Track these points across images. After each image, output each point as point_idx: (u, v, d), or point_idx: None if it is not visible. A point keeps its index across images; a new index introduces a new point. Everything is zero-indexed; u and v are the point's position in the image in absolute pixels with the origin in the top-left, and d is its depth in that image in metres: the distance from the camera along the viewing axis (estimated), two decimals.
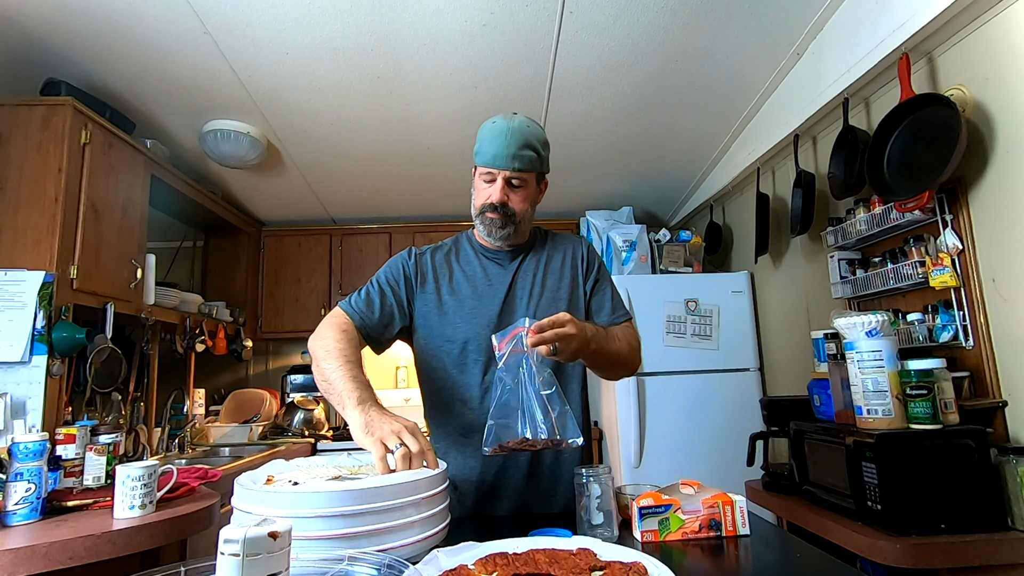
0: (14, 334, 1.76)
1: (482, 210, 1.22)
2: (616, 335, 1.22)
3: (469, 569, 0.74)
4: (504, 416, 1.00)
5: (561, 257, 1.31)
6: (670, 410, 2.69)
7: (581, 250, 1.33)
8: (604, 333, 1.16)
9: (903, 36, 1.65)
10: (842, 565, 0.81)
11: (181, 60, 2.06)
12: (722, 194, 3.06)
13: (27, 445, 1.30)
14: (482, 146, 1.20)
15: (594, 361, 1.18)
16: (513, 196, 1.21)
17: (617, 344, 1.20)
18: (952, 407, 1.37)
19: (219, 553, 0.55)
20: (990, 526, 1.28)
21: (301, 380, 3.51)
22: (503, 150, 1.16)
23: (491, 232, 1.23)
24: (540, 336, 0.99)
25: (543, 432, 0.98)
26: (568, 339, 1.01)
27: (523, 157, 1.17)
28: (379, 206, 3.48)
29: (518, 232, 1.25)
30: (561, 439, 0.99)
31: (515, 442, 0.98)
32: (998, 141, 1.50)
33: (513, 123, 1.19)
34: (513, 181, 1.19)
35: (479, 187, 1.23)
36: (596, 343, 1.10)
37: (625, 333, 1.26)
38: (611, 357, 1.18)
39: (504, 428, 1.00)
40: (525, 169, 1.19)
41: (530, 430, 0.98)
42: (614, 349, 1.19)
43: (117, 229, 2.17)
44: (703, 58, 2.17)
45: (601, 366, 1.23)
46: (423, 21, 1.93)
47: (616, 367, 1.24)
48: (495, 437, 0.99)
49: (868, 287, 1.91)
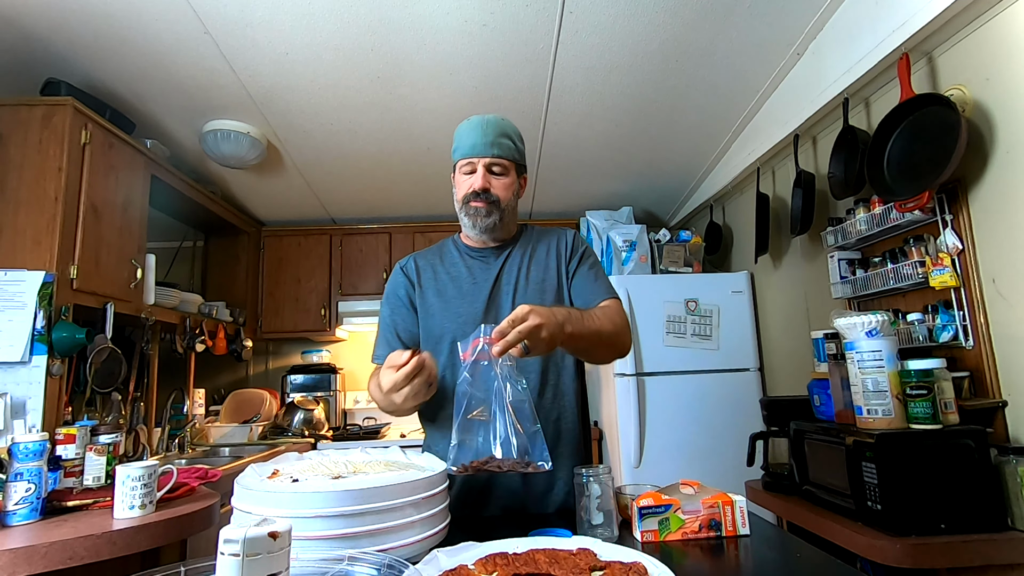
0: (14, 334, 1.76)
1: (465, 200, 1.22)
2: (595, 315, 1.14)
3: (469, 569, 0.74)
4: (469, 432, 0.93)
5: (546, 248, 1.31)
6: (670, 410, 2.69)
7: (565, 239, 1.32)
8: (579, 315, 1.09)
9: (903, 36, 1.65)
10: (842, 565, 0.81)
11: (181, 60, 2.06)
12: (722, 194, 3.06)
13: (27, 445, 1.30)
14: (460, 141, 1.23)
15: (575, 346, 1.11)
16: (495, 183, 1.22)
17: (597, 323, 1.12)
18: (952, 407, 1.37)
19: (219, 553, 0.55)
20: (990, 526, 1.28)
21: (301, 380, 3.51)
22: (481, 139, 1.20)
23: (476, 223, 1.23)
24: (504, 342, 0.91)
25: (512, 452, 0.90)
26: (535, 331, 0.93)
27: (501, 144, 1.21)
28: (379, 206, 3.48)
29: (503, 224, 1.25)
30: (529, 461, 0.91)
31: (480, 462, 0.92)
32: (998, 141, 1.50)
33: (487, 117, 1.23)
34: (494, 168, 1.21)
35: (460, 181, 1.25)
36: (571, 325, 1.03)
37: (606, 312, 1.18)
38: (591, 338, 1.10)
39: (468, 447, 0.93)
40: (504, 156, 1.21)
41: (498, 449, 0.90)
42: (594, 328, 1.11)
43: (117, 229, 2.17)
44: (703, 58, 2.17)
45: (584, 350, 1.16)
46: (423, 21, 1.93)
47: (600, 348, 1.16)
48: (459, 455, 0.93)
49: (868, 287, 1.91)
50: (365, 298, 3.48)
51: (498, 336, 0.91)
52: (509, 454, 0.90)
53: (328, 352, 3.70)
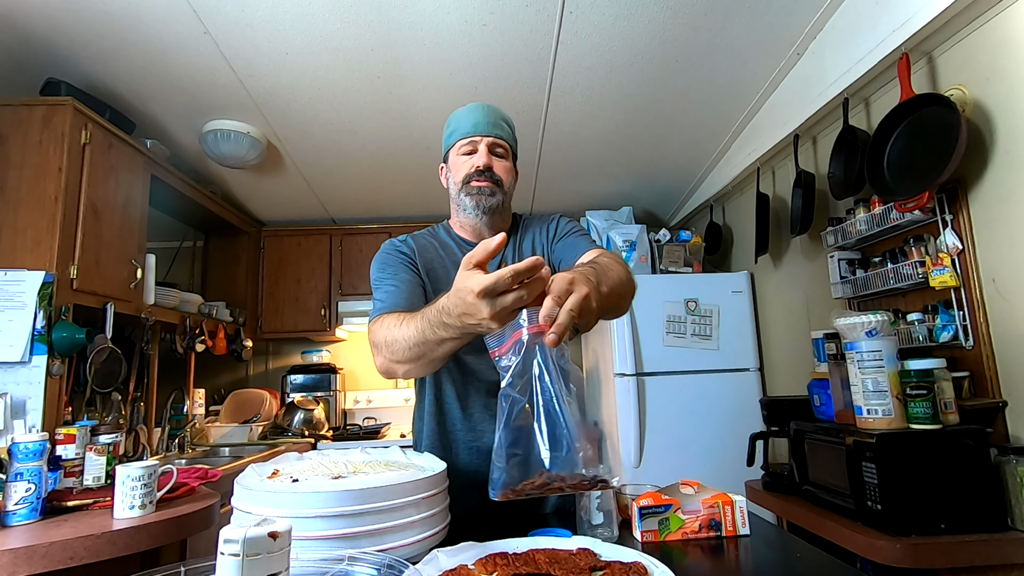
0: (14, 334, 1.76)
1: (467, 179, 1.16)
2: (604, 263, 1.00)
3: (469, 569, 0.74)
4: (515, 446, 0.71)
5: (532, 235, 1.27)
6: (670, 410, 2.69)
7: (555, 221, 1.28)
8: (596, 270, 0.89)
9: (903, 36, 1.65)
10: (842, 565, 0.81)
11: (181, 60, 2.06)
12: (722, 194, 3.06)
13: (27, 445, 1.30)
14: (458, 123, 1.21)
15: (608, 304, 0.90)
16: (497, 164, 1.19)
17: (613, 271, 0.98)
18: (952, 407, 1.37)
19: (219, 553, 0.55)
20: (990, 526, 1.28)
21: (301, 380, 3.51)
22: (483, 119, 1.19)
23: (479, 202, 1.16)
24: (558, 326, 0.69)
25: (578, 465, 0.69)
26: (586, 303, 0.72)
27: (501, 126, 1.21)
28: (379, 206, 3.48)
29: (504, 207, 1.21)
30: (597, 476, 0.71)
31: (539, 482, 0.70)
32: (998, 141, 1.50)
33: (483, 103, 1.23)
34: (496, 149, 1.19)
35: (458, 163, 1.20)
36: (604, 284, 0.87)
37: (605, 258, 1.05)
38: (619, 289, 0.97)
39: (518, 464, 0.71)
40: (504, 137, 1.20)
41: (560, 466, 0.69)
42: (615, 278, 0.97)
43: (117, 229, 2.17)
44: (703, 58, 2.17)
45: (614, 306, 0.99)
46: (423, 21, 1.93)
47: (625, 297, 1.03)
48: (507, 479, 0.71)
49: (868, 287, 1.91)
50: (365, 298, 3.48)
51: (547, 322, 0.69)
52: (576, 467, 0.69)
53: (328, 352, 3.70)
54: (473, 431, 1.19)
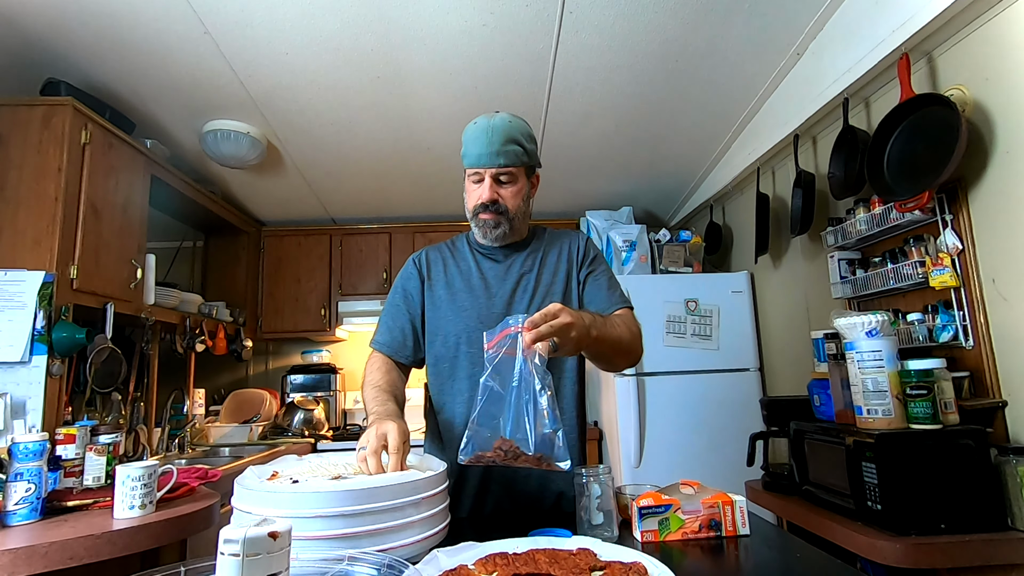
0: (14, 334, 1.76)
1: (475, 212, 1.22)
2: (615, 322, 1.15)
3: (469, 569, 0.74)
4: (486, 424, 0.89)
5: (557, 252, 1.31)
6: (670, 410, 2.69)
7: (578, 243, 1.32)
8: (603, 320, 1.10)
9: (903, 36, 1.65)
10: (842, 565, 0.81)
11: (181, 60, 2.06)
12: (722, 194, 3.06)
13: (27, 445, 1.30)
14: (467, 148, 1.21)
15: (597, 351, 1.11)
16: (503, 192, 1.21)
17: (618, 330, 1.13)
18: (952, 407, 1.37)
19: (219, 553, 0.55)
20: (990, 526, 1.28)
21: (301, 380, 3.51)
22: (486, 148, 1.17)
23: (486, 233, 1.24)
24: (537, 332, 0.89)
25: (531, 446, 0.85)
26: (566, 329, 0.93)
27: (507, 152, 1.18)
28: (379, 206, 3.48)
29: (513, 230, 1.25)
30: (548, 457, 0.87)
31: (494, 452, 0.88)
32: (998, 141, 1.50)
33: (494, 120, 1.19)
34: (501, 177, 1.20)
35: (469, 189, 1.24)
36: (597, 330, 1.03)
37: (624, 319, 1.19)
38: (614, 345, 1.12)
39: (484, 437, 0.89)
40: (511, 164, 1.19)
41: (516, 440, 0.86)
42: (616, 335, 1.12)
43: (117, 229, 2.17)
44: (703, 58, 2.17)
45: (604, 356, 1.16)
46: (423, 21, 1.93)
47: (619, 355, 1.18)
48: (473, 445, 0.89)
49: (868, 287, 1.91)
50: (365, 298, 3.48)
51: (531, 327, 0.90)
52: (527, 447, 0.85)
53: (328, 352, 3.70)
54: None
